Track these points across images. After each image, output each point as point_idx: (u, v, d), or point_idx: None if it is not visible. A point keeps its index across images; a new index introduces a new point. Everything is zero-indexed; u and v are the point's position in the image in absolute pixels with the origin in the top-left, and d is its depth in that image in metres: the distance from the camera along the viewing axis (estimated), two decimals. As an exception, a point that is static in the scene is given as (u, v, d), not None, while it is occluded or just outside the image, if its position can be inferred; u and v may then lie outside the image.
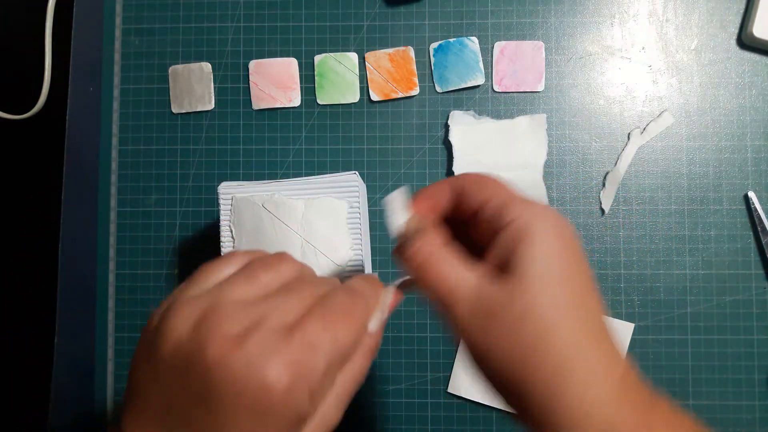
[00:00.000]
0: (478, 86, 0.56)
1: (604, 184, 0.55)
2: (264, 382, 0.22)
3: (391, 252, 0.30)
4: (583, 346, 0.24)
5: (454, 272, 0.26)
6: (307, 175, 0.56)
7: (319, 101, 0.56)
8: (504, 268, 0.25)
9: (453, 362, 0.54)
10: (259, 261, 0.27)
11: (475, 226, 0.28)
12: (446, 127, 0.55)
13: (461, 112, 0.55)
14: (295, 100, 0.56)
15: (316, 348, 0.23)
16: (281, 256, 0.27)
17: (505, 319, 0.24)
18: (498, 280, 0.25)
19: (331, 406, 0.25)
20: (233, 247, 0.46)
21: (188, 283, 0.26)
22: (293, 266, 0.27)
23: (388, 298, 0.29)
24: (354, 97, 0.56)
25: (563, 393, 0.23)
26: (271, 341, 0.22)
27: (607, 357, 0.24)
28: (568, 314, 0.24)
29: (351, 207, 0.52)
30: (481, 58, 0.55)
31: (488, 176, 0.29)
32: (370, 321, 0.27)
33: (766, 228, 0.53)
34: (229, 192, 0.53)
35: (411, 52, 0.56)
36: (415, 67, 0.56)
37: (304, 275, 0.28)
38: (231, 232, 0.46)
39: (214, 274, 0.26)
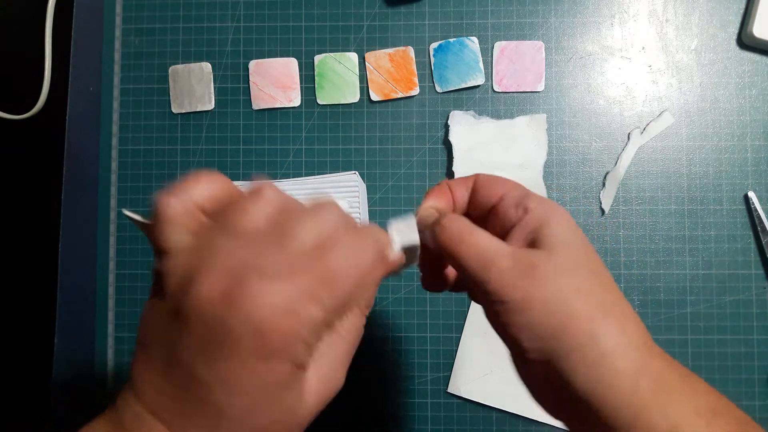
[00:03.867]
0: (478, 86, 0.56)
1: (604, 184, 0.55)
2: (257, 330, 0.22)
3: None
4: (614, 297, 0.27)
5: (489, 238, 0.29)
6: (307, 175, 0.56)
7: (319, 101, 0.56)
8: (532, 242, 0.28)
9: (453, 362, 0.54)
10: (230, 203, 0.25)
11: (492, 216, 0.31)
12: (446, 127, 0.55)
13: (461, 112, 0.55)
14: (295, 100, 0.56)
15: (312, 295, 0.23)
16: (259, 190, 0.25)
17: (545, 272, 0.26)
18: (530, 249, 0.28)
19: (332, 365, 0.26)
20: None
21: (217, 235, 0.24)
22: (274, 196, 0.25)
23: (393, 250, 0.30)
24: (354, 97, 0.56)
25: (602, 332, 0.25)
26: (264, 290, 0.22)
27: (632, 311, 0.27)
28: (597, 274, 0.28)
29: (351, 207, 0.52)
30: (481, 58, 0.55)
31: (499, 176, 0.32)
32: (388, 252, 0.29)
33: (766, 228, 0.53)
34: (229, 192, 0.53)
35: (411, 52, 0.56)
36: (415, 67, 0.56)
37: (294, 207, 0.26)
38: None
39: (243, 224, 0.24)
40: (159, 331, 0.24)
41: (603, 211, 0.54)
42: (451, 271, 0.35)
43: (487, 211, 0.31)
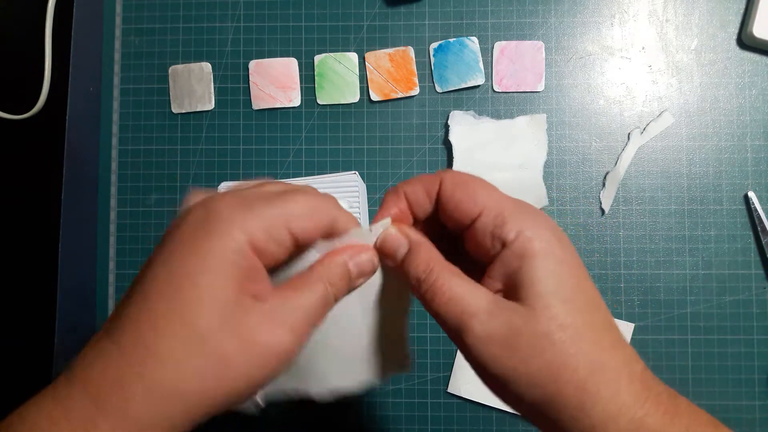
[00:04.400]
0: (478, 86, 0.56)
1: (604, 184, 0.55)
2: (210, 207, 0.25)
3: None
4: (606, 352, 0.24)
5: (465, 290, 0.26)
6: (307, 175, 0.56)
7: (319, 101, 0.56)
8: (513, 287, 0.25)
9: (453, 362, 0.54)
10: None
11: (468, 238, 0.28)
12: (446, 127, 0.55)
13: (461, 112, 0.55)
14: (295, 100, 0.56)
15: (266, 198, 0.25)
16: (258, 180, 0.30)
17: (528, 341, 0.24)
18: (511, 299, 0.25)
19: (278, 323, 0.24)
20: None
21: None
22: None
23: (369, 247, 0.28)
24: (354, 97, 0.56)
25: (594, 402, 0.24)
26: (227, 193, 0.26)
27: (625, 358, 0.25)
28: (588, 326, 0.25)
29: (351, 207, 0.52)
30: (481, 58, 0.56)
31: (471, 180, 0.28)
32: (346, 225, 0.27)
33: (766, 228, 0.53)
34: (229, 192, 0.53)
35: (411, 52, 0.56)
36: (415, 67, 0.56)
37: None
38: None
39: (240, 188, 0.29)
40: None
41: (603, 211, 0.54)
42: None
43: (463, 227, 0.28)
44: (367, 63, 0.56)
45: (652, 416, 0.24)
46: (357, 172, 0.53)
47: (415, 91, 0.56)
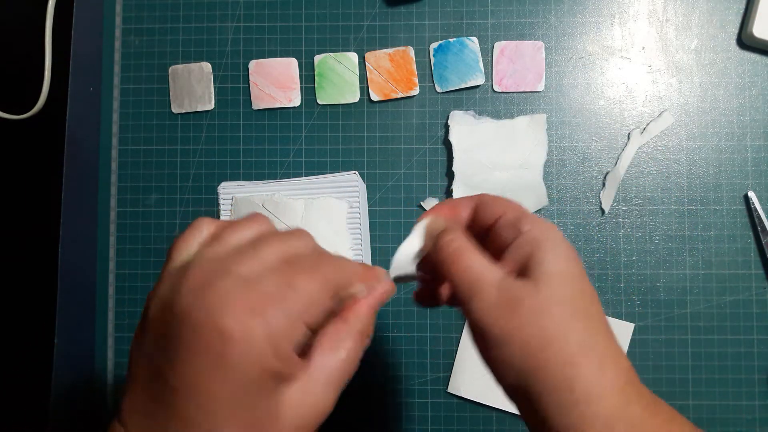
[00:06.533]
0: (478, 86, 0.56)
1: (604, 184, 0.55)
2: (220, 327, 0.22)
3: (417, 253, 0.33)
4: (596, 338, 0.27)
5: (481, 263, 0.29)
6: (307, 175, 0.56)
7: (319, 101, 0.56)
8: (523, 268, 0.28)
9: (453, 362, 0.54)
10: (227, 225, 0.28)
11: (490, 235, 0.31)
12: (446, 127, 0.55)
13: (461, 112, 0.55)
14: (295, 100, 0.56)
15: (275, 297, 0.24)
16: (253, 218, 0.28)
17: (528, 309, 0.26)
18: (519, 277, 0.28)
19: (320, 387, 0.26)
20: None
21: (168, 258, 0.27)
22: (263, 225, 0.28)
23: (381, 278, 0.31)
24: (354, 97, 0.56)
25: (579, 379, 0.25)
26: (231, 290, 0.23)
27: (615, 350, 0.27)
28: (583, 310, 0.27)
29: (351, 207, 0.52)
30: (481, 58, 0.55)
31: (500, 197, 0.33)
32: (353, 288, 0.28)
33: (766, 228, 0.53)
34: (229, 192, 0.53)
35: (411, 52, 0.56)
36: (415, 67, 0.56)
37: (274, 232, 0.28)
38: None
39: (189, 243, 0.27)
40: (145, 349, 0.25)
41: (603, 211, 0.54)
42: (445, 288, 0.35)
43: (486, 229, 0.32)
44: (367, 63, 0.56)
45: (634, 405, 0.25)
46: (357, 172, 0.53)
47: (415, 91, 0.56)
